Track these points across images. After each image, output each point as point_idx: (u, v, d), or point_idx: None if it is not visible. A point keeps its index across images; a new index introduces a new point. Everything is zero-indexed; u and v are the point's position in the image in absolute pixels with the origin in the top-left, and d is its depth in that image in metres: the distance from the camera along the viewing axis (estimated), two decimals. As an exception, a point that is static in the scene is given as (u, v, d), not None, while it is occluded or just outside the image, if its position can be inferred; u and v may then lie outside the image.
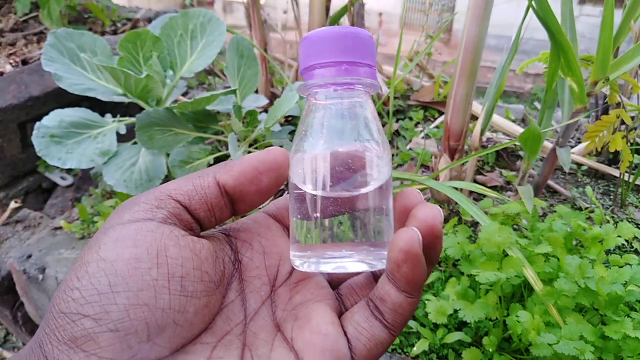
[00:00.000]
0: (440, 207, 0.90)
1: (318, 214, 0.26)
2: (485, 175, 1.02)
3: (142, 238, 0.23)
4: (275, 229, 0.30)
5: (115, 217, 0.24)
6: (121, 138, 0.95)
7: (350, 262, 0.26)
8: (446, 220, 0.88)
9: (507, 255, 0.56)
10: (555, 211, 0.81)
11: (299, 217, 0.27)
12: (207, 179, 0.26)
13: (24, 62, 1.27)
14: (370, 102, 0.28)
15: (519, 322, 0.52)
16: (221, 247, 0.28)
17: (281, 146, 1.04)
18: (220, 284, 0.26)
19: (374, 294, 0.26)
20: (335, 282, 0.30)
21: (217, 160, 1.02)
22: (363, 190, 0.26)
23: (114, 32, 1.54)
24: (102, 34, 1.50)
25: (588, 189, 0.83)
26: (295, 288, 0.28)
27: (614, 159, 1.04)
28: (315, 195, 0.26)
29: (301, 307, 0.27)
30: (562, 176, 1.04)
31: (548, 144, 1.01)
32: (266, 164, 0.27)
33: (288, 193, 0.29)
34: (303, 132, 0.28)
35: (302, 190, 0.27)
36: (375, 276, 0.29)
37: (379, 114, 1.29)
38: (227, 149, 1.02)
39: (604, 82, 0.68)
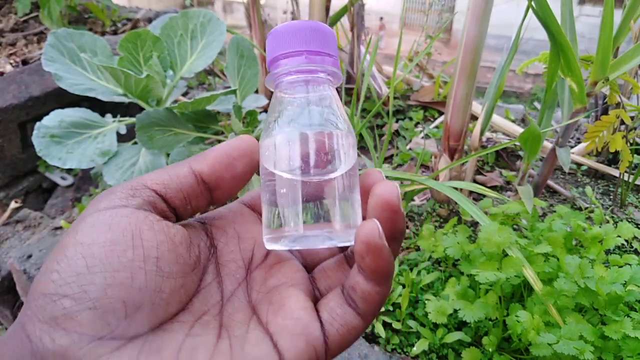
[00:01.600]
0: (440, 207, 0.90)
1: (287, 197, 0.28)
2: (485, 175, 1.02)
3: (117, 223, 0.24)
4: (250, 216, 0.31)
5: (92, 206, 0.26)
6: (121, 138, 0.95)
7: (318, 241, 0.28)
8: (446, 220, 0.88)
9: (506, 255, 0.56)
10: (555, 211, 0.81)
11: (268, 198, 0.29)
12: (183, 168, 0.28)
13: (24, 62, 1.27)
14: (334, 91, 0.30)
15: (518, 322, 0.52)
16: (196, 233, 0.29)
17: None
18: (196, 266, 0.27)
19: (347, 282, 0.27)
20: (309, 265, 0.31)
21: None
22: (331, 175, 0.27)
23: (114, 32, 1.54)
24: (103, 34, 1.50)
25: (588, 189, 0.83)
26: (270, 271, 0.29)
27: (613, 159, 1.04)
28: (283, 178, 0.28)
29: (275, 292, 0.28)
30: (561, 176, 1.04)
31: (548, 144, 1.01)
32: (239, 150, 0.28)
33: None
34: (272, 120, 0.29)
35: (270, 172, 0.28)
36: (348, 259, 0.30)
37: (379, 114, 1.29)
38: (227, 149, 1.02)
39: (603, 82, 0.68)
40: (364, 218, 0.27)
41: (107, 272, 0.23)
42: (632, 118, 0.78)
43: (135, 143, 0.93)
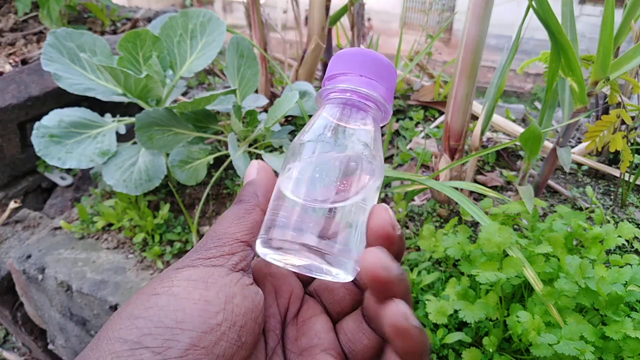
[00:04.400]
0: (440, 207, 0.90)
1: (293, 210, 0.27)
2: (486, 175, 1.02)
3: (213, 282, 0.24)
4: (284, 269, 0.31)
5: (188, 260, 0.25)
6: (121, 138, 0.95)
7: (316, 265, 0.27)
8: (446, 220, 0.88)
9: (507, 255, 0.56)
10: (555, 211, 0.80)
11: (274, 204, 0.28)
12: (257, 212, 0.28)
13: (24, 62, 1.27)
14: (376, 128, 0.29)
15: (519, 322, 0.52)
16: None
17: (281, 146, 1.04)
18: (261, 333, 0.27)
19: (364, 308, 0.28)
20: (335, 317, 0.31)
21: (217, 160, 1.02)
22: (338, 204, 0.27)
23: (114, 32, 1.54)
24: (102, 33, 1.50)
25: (588, 189, 0.83)
26: (302, 329, 0.29)
27: (614, 159, 1.04)
28: (295, 201, 0.27)
29: (307, 354, 0.28)
30: (562, 176, 1.03)
31: (548, 144, 1.01)
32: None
33: None
34: (304, 130, 0.29)
35: (283, 191, 0.28)
36: (364, 317, 0.30)
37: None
38: (227, 149, 1.01)
39: (604, 82, 0.68)
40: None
41: (194, 332, 0.22)
42: (632, 118, 0.78)
43: (135, 143, 0.93)
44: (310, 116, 1.08)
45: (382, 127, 1.29)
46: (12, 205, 1.13)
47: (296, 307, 0.30)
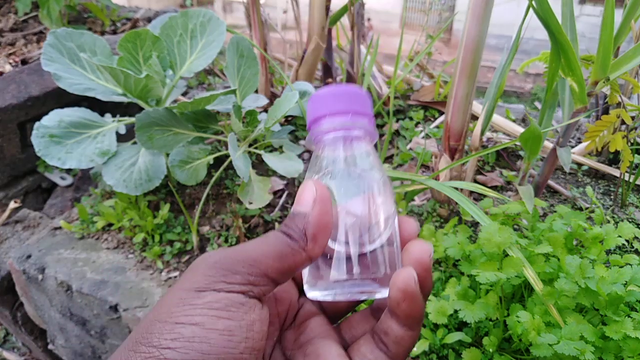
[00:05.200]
0: (440, 207, 0.90)
1: (333, 260, 0.29)
2: (486, 175, 1.02)
3: (235, 310, 0.24)
4: None
5: (210, 279, 0.25)
6: (121, 138, 0.95)
7: (357, 292, 0.29)
8: (446, 220, 0.88)
9: (507, 255, 0.56)
10: (555, 211, 0.80)
11: (322, 257, 0.30)
12: (301, 256, 0.27)
13: (24, 62, 1.27)
14: (373, 148, 0.32)
15: (519, 322, 0.52)
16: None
17: (281, 146, 1.03)
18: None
19: (378, 327, 0.28)
20: (332, 318, 0.33)
21: (217, 160, 1.02)
22: (375, 245, 0.29)
23: (114, 32, 1.54)
24: (102, 33, 1.50)
25: (588, 189, 0.83)
26: (299, 329, 0.31)
27: (614, 159, 1.04)
28: (330, 247, 0.29)
29: (308, 345, 0.29)
30: (562, 176, 1.03)
31: (548, 144, 1.01)
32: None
33: None
34: (315, 177, 0.30)
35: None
36: (373, 311, 0.32)
37: (379, 113, 1.29)
38: (227, 149, 1.01)
39: (604, 82, 0.68)
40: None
41: None
42: (632, 118, 0.78)
43: (135, 143, 0.93)
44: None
45: (382, 127, 1.29)
46: (12, 205, 1.12)
47: (293, 313, 0.32)
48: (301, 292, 0.33)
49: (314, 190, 0.27)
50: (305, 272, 0.30)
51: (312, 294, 0.29)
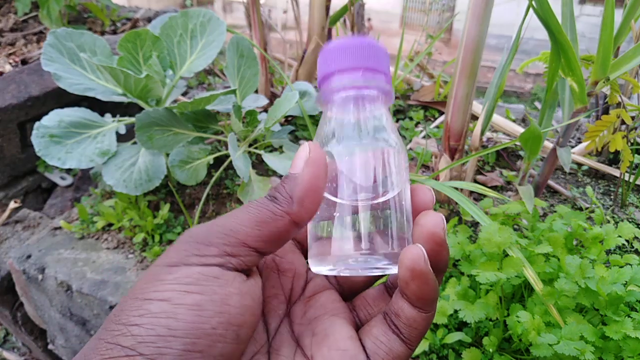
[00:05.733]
0: (440, 207, 0.90)
1: (336, 219, 0.27)
2: (486, 175, 1.02)
3: (207, 284, 0.23)
4: (289, 245, 0.30)
5: (183, 253, 0.24)
6: (121, 138, 0.95)
7: (366, 267, 0.27)
8: (446, 220, 0.88)
9: (507, 255, 0.56)
10: (555, 211, 0.80)
11: (316, 220, 0.28)
12: (284, 222, 0.25)
13: (24, 62, 1.27)
14: (387, 110, 0.29)
15: (519, 322, 0.52)
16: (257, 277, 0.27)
17: (281, 146, 1.03)
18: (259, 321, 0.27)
19: (389, 308, 0.26)
20: (347, 295, 0.30)
21: (217, 160, 1.02)
22: (383, 198, 0.26)
23: (114, 32, 1.54)
24: (102, 33, 1.50)
25: (588, 189, 0.83)
26: (309, 302, 0.29)
27: (614, 159, 1.04)
28: (333, 201, 0.27)
29: (317, 322, 0.27)
30: (562, 176, 1.03)
31: (548, 144, 1.01)
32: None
33: None
34: (322, 140, 0.28)
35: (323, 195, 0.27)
36: (387, 288, 0.30)
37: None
38: (227, 149, 1.01)
39: (604, 82, 0.68)
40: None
41: (187, 339, 0.22)
42: (632, 118, 0.78)
43: (135, 143, 0.93)
44: (311, 116, 1.08)
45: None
46: (12, 205, 1.13)
47: (301, 285, 0.30)
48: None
49: (307, 152, 0.26)
50: (310, 245, 0.28)
51: (316, 268, 0.27)
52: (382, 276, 0.30)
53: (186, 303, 0.22)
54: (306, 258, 0.31)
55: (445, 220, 0.26)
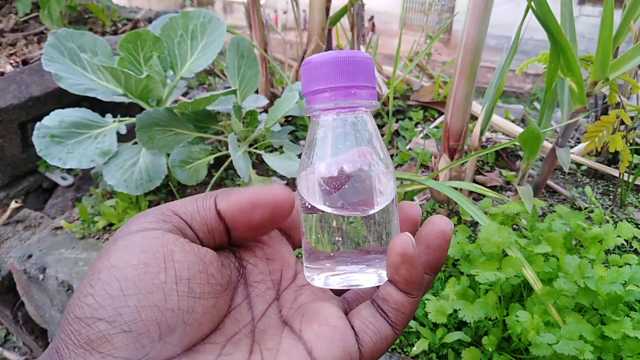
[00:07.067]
0: (440, 207, 0.90)
1: (325, 231, 0.28)
2: (485, 175, 1.02)
3: (149, 245, 0.24)
4: (277, 237, 0.32)
5: (124, 228, 0.26)
6: (121, 138, 0.95)
7: (358, 276, 0.28)
8: (446, 220, 0.88)
9: (506, 255, 0.56)
10: (554, 211, 0.81)
11: (307, 231, 0.29)
12: (209, 201, 0.28)
13: (25, 62, 1.27)
14: (371, 118, 0.30)
15: (518, 321, 0.52)
16: (225, 254, 0.29)
17: (281, 146, 1.04)
18: (227, 287, 0.27)
19: (377, 295, 0.28)
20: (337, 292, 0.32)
21: (218, 160, 1.02)
22: (371, 211, 0.28)
23: (115, 33, 1.54)
24: (103, 34, 1.50)
25: (587, 189, 0.83)
26: (300, 290, 0.30)
27: (613, 159, 1.04)
28: (321, 211, 0.28)
29: (307, 305, 0.28)
30: (561, 176, 1.04)
31: (548, 144, 1.01)
32: (263, 199, 0.28)
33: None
34: (309, 149, 0.29)
35: (308, 204, 0.28)
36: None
37: (379, 114, 1.29)
38: (227, 149, 1.02)
39: (603, 83, 0.68)
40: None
41: (140, 295, 0.23)
42: (631, 118, 0.79)
43: (136, 143, 0.93)
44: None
45: (381, 127, 1.29)
46: (13, 205, 1.13)
47: (291, 274, 0.31)
48: (298, 255, 0.32)
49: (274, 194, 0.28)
50: (304, 258, 0.30)
51: (312, 281, 0.29)
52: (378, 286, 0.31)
53: (132, 264, 0.23)
54: (294, 248, 0.33)
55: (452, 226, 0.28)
